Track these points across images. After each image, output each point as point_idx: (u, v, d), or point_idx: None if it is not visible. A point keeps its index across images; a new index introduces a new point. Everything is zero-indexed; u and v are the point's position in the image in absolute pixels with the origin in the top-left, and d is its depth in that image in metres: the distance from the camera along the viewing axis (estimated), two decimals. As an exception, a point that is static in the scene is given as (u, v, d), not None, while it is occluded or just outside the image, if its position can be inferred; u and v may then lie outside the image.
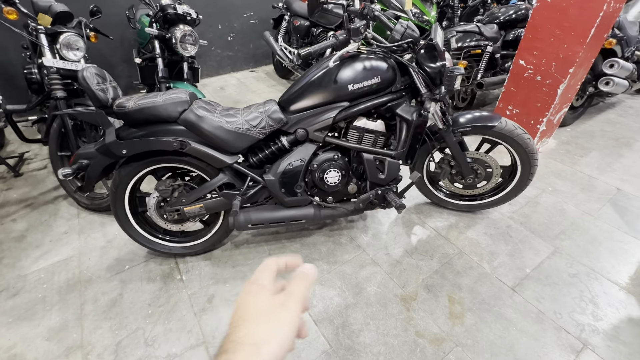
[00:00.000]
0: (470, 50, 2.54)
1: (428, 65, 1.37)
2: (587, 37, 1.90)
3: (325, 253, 1.71)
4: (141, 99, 1.30)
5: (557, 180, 2.21)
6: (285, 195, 1.48)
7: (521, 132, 1.54)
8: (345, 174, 1.48)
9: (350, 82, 1.32)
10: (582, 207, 1.97)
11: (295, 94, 1.39)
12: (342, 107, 1.37)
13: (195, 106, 1.34)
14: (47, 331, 1.39)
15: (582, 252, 1.68)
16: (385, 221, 1.90)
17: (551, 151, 2.53)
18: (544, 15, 2.04)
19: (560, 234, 1.79)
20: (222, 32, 3.90)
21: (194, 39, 2.16)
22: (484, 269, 1.60)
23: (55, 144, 1.94)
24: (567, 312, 1.41)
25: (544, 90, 2.19)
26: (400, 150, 1.47)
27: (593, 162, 2.38)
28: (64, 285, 1.57)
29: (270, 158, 1.49)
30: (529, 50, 2.18)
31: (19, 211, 2.03)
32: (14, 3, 1.65)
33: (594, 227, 1.83)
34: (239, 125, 1.36)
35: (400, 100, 1.43)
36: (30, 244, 1.80)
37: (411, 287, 1.53)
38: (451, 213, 1.94)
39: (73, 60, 1.85)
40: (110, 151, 1.31)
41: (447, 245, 1.74)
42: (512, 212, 1.94)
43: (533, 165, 1.61)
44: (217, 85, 3.89)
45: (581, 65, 2.10)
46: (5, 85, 2.97)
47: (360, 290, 1.52)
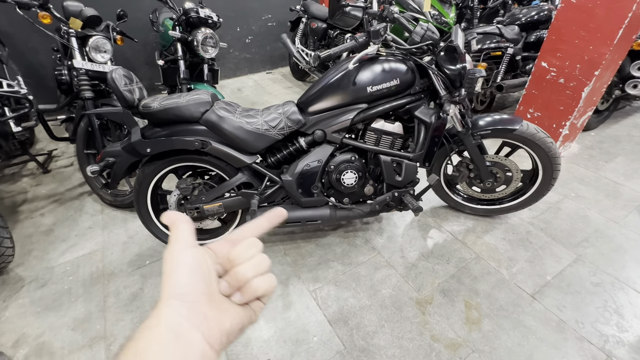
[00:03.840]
0: (490, 52, 2.50)
1: (448, 67, 1.37)
2: (615, 39, 1.84)
3: (340, 254, 1.71)
4: (165, 99, 1.35)
5: (580, 185, 2.15)
6: (302, 195, 1.50)
7: (543, 136, 1.50)
8: (362, 176, 1.49)
9: (369, 84, 1.33)
10: (607, 214, 1.91)
11: (314, 96, 1.41)
12: (360, 108, 1.38)
13: (217, 107, 1.38)
14: (72, 321, 1.45)
15: (606, 261, 1.62)
16: (401, 224, 1.89)
17: (574, 156, 2.45)
18: (568, 16, 1.99)
19: (583, 242, 1.74)
20: (240, 34, 3.97)
21: (214, 41, 2.21)
22: (502, 275, 1.57)
23: (82, 142, 2.02)
24: (590, 322, 1.36)
25: (567, 93, 2.13)
26: (418, 152, 1.46)
27: (619, 168, 2.30)
28: (88, 278, 1.64)
29: (288, 159, 1.51)
30: (552, 52, 2.13)
31: (47, 206, 2.13)
32: (49, 8, 1.73)
33: (619, 235, 1.77)
34: (258, 125, 1.39)
35: (419, 103, 1.43)
36: (57, 238, 1.89)
37: (427, 290, 1.52)
38: (468, 217, 1.91)
39: (101, 62, 1.93)
40: (135, 150, 1.36)
41: (464, 250, 1.71)
42: (532, 217, 1.90)
43: (555, 170, 1.57)
44: (234, 87, 3.97)
45: (607, 68, 2.03)
46: (36, 86, 3.11)
47: (375, 292, 1.52)
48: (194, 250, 0.30)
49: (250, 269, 0.31)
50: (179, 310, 0.27)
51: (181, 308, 0.27)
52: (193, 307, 0.27)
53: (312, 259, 1.69)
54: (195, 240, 0.32)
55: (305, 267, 1.65)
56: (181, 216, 0.33)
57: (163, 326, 0.26)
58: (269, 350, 1.31)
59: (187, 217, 0.33)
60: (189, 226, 0.32)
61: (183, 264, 0.29)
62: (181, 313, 0.27)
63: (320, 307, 1.47)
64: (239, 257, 0.32)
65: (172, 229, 0.32)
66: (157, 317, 0.26)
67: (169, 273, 0.29)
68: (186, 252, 0.30)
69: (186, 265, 0.29)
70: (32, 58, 3.00)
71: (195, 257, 0.30)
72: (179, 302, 0.27)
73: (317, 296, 1.51)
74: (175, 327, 0.26)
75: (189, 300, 0.27)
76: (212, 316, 0.28)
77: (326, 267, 1.65)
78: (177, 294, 0.27)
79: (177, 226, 0.32)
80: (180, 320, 0.26)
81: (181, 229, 0.32)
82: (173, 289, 0.28)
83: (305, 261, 1.68)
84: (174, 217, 0.33)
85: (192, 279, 0.29)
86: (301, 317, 1.43)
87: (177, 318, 0.26)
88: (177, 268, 0.29)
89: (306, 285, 1.56)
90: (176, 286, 0.28)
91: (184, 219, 0.33)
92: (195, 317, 0.27)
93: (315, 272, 1.63)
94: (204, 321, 0.27)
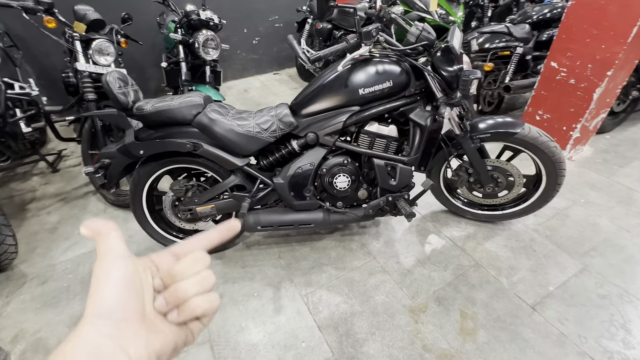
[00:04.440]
0: (497, 52, 2.42)
1: (444, 68, 1.32)
2: (629, 37, 1.75)
3: (334, 258, 1.69)
4: (158, 102, 1.36)
5: (591, 191, 2.04)
6: (294, 198, 1.48)
7: (547, 140, 1.44)
8: (355, 179, 1.46)
9: (361, 86, 1.30)
10: (618, 222, 1.81)
11: (306, 98, 1.39)
12: (352, 111, 1.35)
13: (209, 109, 1.38)
14: (69, 318, 1.48)
15: (615, 272, 1.54)
16: (399, 228, 1.84)
17: (586, 160, 2.34)
18: (579, 14, 1.90)
19: (591, 251, 1.65)
20: (247, 35, 3.99)
21: (216, 43, 2.23)
22: (502, 284, 1.51)
23: (87, 142, 2.07)
24: (594, 337, 1.29)
25: (578, 95, 2.04)
26: (413, 156, 1.42)
27: (634, 173, 2.18)
28: (86, 276, 1.67)
29: (280, 161, 1.50)
30: (562, 52, 2.04)
31: (53, 204, 2.19)
32: (54, 12, 1.78)
33: (630, 244, 1.67)
34: (249, 128, 1.38)
35: (415, 105, 1.39)
36: (60, 236, 1.94)
37: (421, 298, 1.47)
38: (469, 223, 1.85)
39: (104, 65, 1.97)
40: (129, 151, 1.38)
41: (463, 257, 1.66)
42: (537, 224, 1.82)
43: (560, 175, 1.50)
44: (240, 88, 3.99)
45: (622, 68, 1.93)
46: (50, 88, 3.22)
47: (367, 298, 1.49)
48: (125, 262, 0.28)
49: (192, 286, 0.29)
50: (103, 330, 0.25)
51: (105, 327, 0.25)
52: (119, 326, 0.25)
53: (306, 263, 1.67)
54: (127, 250, 0.29)
55: (299, 271, 1.63)
56: (105, 224, 0.30)
57: (83, 348, 0.24)
58: (256, 355, 1.30)
59: (113, 224, 0.30)
60: (118, 234, 0.30)
61: (111, 277, 0.27)
62: (105, 333, 0.24)
63: (311, 312, 1.45)
64: (182, 273, 0.29)
65: (98, 240, 0.29)
66: (77, 337, 0.24)
67: (94, 288, 0.26)
68: (116, 264, 0.28)
69: (115, 279, 0.27)
70: (45, 61, 3.10)
71: (127, 269, 0.28)
72: (103, 320, 0.25)
73: (308, 301, 1.49)
74: (97, 350, 0.24)
75: (115, 317, 0.25)
76: (141, 335, 0.26)
77: (320, 271, 1.63)
78: (102, 312, 0.25)
79: (104, 236, 0.29)
80: (102, 342, 0.24)
81: (110, 237, 0.29)
82: (98, 307, 0.26)
83: (299, 264, 1.67)
84: (97, 227, 0.29)
85: (121, 294, 0.26)
86: (291, 321, 1.41)
87: (99, 339, 0.24)
88: (105, 282, 0.27)
89: (298, 290, 1.55)
90: (102, 303, 0.26)
91: (109, 226, 0.30)
92: (121, 337, 0.25)
93: (308, 276, 1.61)
94: (131, 341, 0.25)
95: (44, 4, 1.73)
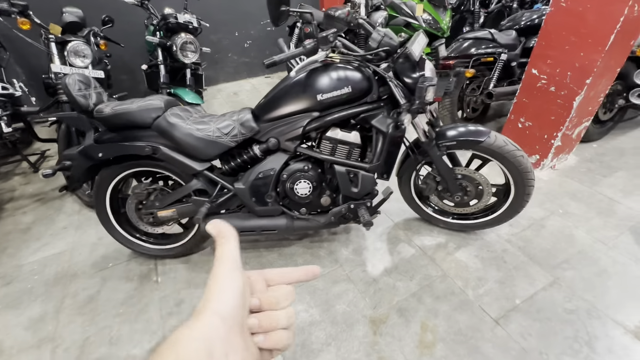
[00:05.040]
0: (480, 58, 2.39)
1: (405, 75, 1.30)
2: (606, 45, 1.71)
3: (300, 265, 1.66)
4: (118, 105, 1.35)
5: (571, 201, 2.00)
6: (255, 204, 1.46)
7: (513, 149, 1.40)
8: (317, 186, 1.44)
9: (319, 91, 1.28)
10: (595, 233, 1.76)
11: (268, 103, 1.37)
12: (312, 117, 1.33)
13: (169, 113, 1.37)
14: (27, 321, 1.47)
15: (585, 286, 1.49)
16: (369, 235, 1.81)
17: (570, 169, 2.29)
18: (558, 20, 1.87)
19: (563, 263, 1.60)
20: (239, 39, 4.01)
21: (195, 46, 2.23)
22: (467, 296, 1.47)
23: (63, 143, 2.07)
24: (555, 354, 1.25)
25: (559, 102, 2.00)
26: (375, 163, 1.40)
27: (617, 183, 2.13)
28: (51, 278, 1.67)
29: (243, 166, 1.48)
30: (543, 59, 2.00)
31: (30, 204, 2.20)
32: (28, 14, 1.80)
33: (605, 257, 1.62)
34: (209, 132, 1.37)
35: (377, 111, 1.36)
36: (32, 236, 1.94)
37: (383, 308, 1.44)
38: (442, 231, 1.82)
39: (80, 66, 1.98)
40: (88, 154, 1.37)
41: (431, 267, 1.62)
42: (512, 234, 1.78)
43: (528, 185, 1.46)
44: (231, 91, 4.00)
45: (602, 76, 1.89)
46: (40, 88, 3.23)
47: (329, 307, 1.46)
48: (241, 275, 0.30)
49: (283, 319, 0.31)
50: (219, 330, 0.26)
51: (222, 328, 0.26)
52: (229, 333, 0.26)
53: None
54: (240, 262, 0.30)
55: (263, 277, 1.61)
56: (229, 229, 0.32)
57: (201, 341, 0.24)
58: (208, 363, 1.27)
59: (235, 232, 0.32)
60: (237, 243, 0.31)
61: (232, 285, 0.28)
62: (220, 333, 0.25)
63: (270, 320, 1.42)
64: (278, 302, 0.31)
65: (219, 243, 0.31)
66: (197, 328, 0.25)
67: (219, 288, 0.28)
68: (236, 274, 0.29)
69: (234, 287, 0.28)
70: (34, 62, 3.13)
71: (242, 281, 0.29)
72: (222, 321, 0.26)
73: (268, 308, 1.46)
74: (211, 347, 0.24)
75: (228, 324, 0.26)
76: (239, 347, 0.27)
77: (284, 278, 1.60)
78: (223, 313, 0.26)
79: (226, 241, 0.31)
80: (216, 340, 0.25)
81: (231, 244, 0.31)
82: (222, 307, 0.27)
83: (264, 271, 1.64)
84: (222, 229, 0.31)
85: (237, 303, 0.28)
86: (248, 329, 1.39)
87: (214, 336, 0.25)
88: (227, 287, 0.28)
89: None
90: (222, 304, 0.27)
91: (232, 233, 0.31)
92: (227, 344, 0.26)
93: (272, 282, 1.58)
94: (231, 350, 0.26)
95: (19, 6, 1.74)
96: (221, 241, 0.31)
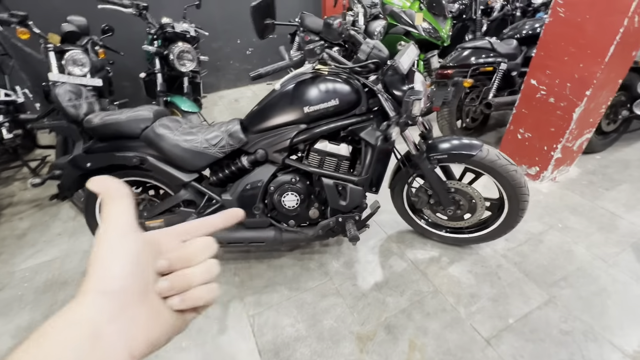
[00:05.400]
0: (479, 68, 2.35)
1: (395, 87, 1.28)
2: (606, 56, 1.67)
3: (290, 277, 1.64)
4: (107, 115, 1.36)
5: (571, 215, 1.94)
6: (243, 216, 1.45)
7: (505, 163, 1.37)
8: (305, 198, 1.42)
9: (306, 104, 1.27)
10: (595, 250, 1.70)
11: (255, 114, 1.37)
12: (299, 129, 1.32)
13: (158, 124, 1.37)
14: (15, 329, 1.47)
15: (583, 306, 1.44)
16: (361, 248, 1.78)
17: (571, 181, 2.24)
18: (557, 31, 1.83)
19: (561, 281, 1.55)
20: (240, 46, 4.04)
21: (192, 56, 2.24)
22: (459, 314, 1.43)
23: (60, 150, 2.09)
24: (548, 378, 1.20)
25: (558, 114, 1.95)
26: (364, 176, 1.37)
27: (620, 197, 2.06)
28: (41, 286, 1.67)
29: (231, 177, 1.47)
30: (541, 69, 1.97)
31: (27, 210, 2.22)
32: (28, 24, 1.83)
33: (605, 275, 1.57)
34: (196, 144, 1.36)
35: (367, 124, 1.34)
36: (27, 242, 1.95)
37: (371, 325, 1.40)
38: (435, 245, 1.78)
39: (79, 75, 2.01)
40: (77, 164, 1.38)
41: (423, 282, 1.58)
42: (508, 249, 1.73)
43: (522, 200, 1.42)
44: (232, 98, 4.03)
45: (602, 87, 1.84)
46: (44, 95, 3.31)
47: (315, 322, 1.43)
48: (135, 238, 0.26)
49: (200, 274, 0.27)
50: (104, 309, 0.22)
51: (107, 306, 0.22)
52: (122, 308, 0.23)
53: (260, 281, 1.63)
54: (136, 223, 0.26)
55: (251, 290, 1.59)
56: (118, 185, 0.27)
57: (81, 325, 0.21)
58: (189, 378, 1.25)
59: (127, 189, 0.27)
60: (130, 202, 0.27)
61: (122, 253, 0.24)
62: (106, 312, 0.22)
63: (255, 334, 1.40)
64: (191, 258, 0.27)
65: (106, 203, 0.26)
66: (77, 312, 0.22)
67: (101, 261, 0.24)
68: (127, 239, 0.25)
69: (124, 256, 0.24)
70: (39, 68, 3.16)
71: (137, 246, 0.25)
72: (108, 300, 0.23)
73: (254, 322, 1.44)
74: (96, 330, 0.21)
75: (119, 299, 0.23)
76: (141, 321, 0.24)
77: (272, 290, 1.58)
78: (107, 290, 0.23)
79: (114, 201, 0.26)
80: (102, 322, 0.22)
81: (122, 204, 0.26)
82: (103, 283, 0.23)
83: (252, 283, 1.62)
84: (109, 186, 0.26)
85: (129, 273, 0.24)
86: (233, 343, 1.37)
87: (99, 318, 0.22)
88: (113, 258, 0.24)
89: (247, 309, 1.50)
90: (109, 280, 0.23)
91: (122, 191, 0.27)
92: (121, 320, 0.23)
93: (259, 295, 1.56)
94: (130, 326, 0.23)
95: (18, 17, 1.78)
96: (108, 201, 0.26)
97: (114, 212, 0.26)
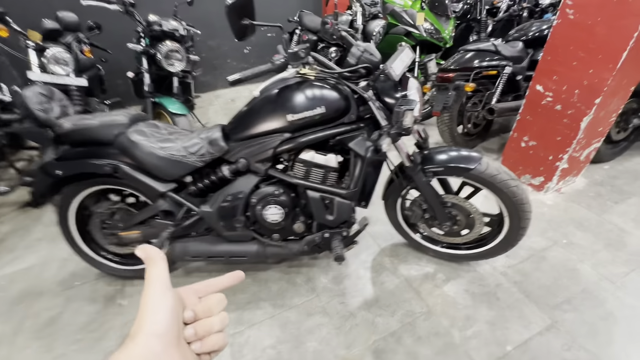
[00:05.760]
0: (482, 71, 2.24)
1: (387, 94, 1.18)
2: (618, 63, 1.55)
3: (274, 293, 1.55)
4: (80, 119, 1.27)
5: (577, 230, 1.83)
6: (224, 229, 1.36)
7: (506, 178, 1.26)
8: (289, 211, 1.32)
9: (289, 111, 1.17)
10: (602, 269, 1.59)
11: (237, 121, 1.27)
12: (283, 138, 1.22)
13: (132, 130, 1.28)
14: (-17, 343, 1.40)
15: (588, 332, 1.33)
16: (352, 262, 1.69)
17: (577, 193, 2.12)
18: (565, 34, 1.71)
19: (564, 303, 1.44)
20: (238, 45, 3.94)
21: (181, 55, 2.15)
22: (453, 338, 1.33)
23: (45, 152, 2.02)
24: (548, 416, 1.09)
25: (565, 122, 1.84)
26: (353, 189, 1.27)
27: (630, 211, 1.94)
28: (16, 296, 1.59)
29: (212, 187, 1.38)
30: (548, 75, 1.85)
31: (9, 213, 2.15)
32: (7, 22, 1.75)
33: (612, 298, 1.46)
34: (174, 152, 1.27)
35: (356, 133, 1.24)
36: (5, 248, 1.88)
37: (357, 348, 1.31)
38: (431, 260, 1.67)
39: (61, 74, 1.92)
40: (48, 171, 1.29)
41: (415, 301, 1.48)
42: (508, 266, 1.62)
43: (523, 218, 1.31)
44: (228, 97, 3.94)
45: (613, 95, 1.72)
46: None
47: (298, 344, 1.34)
48: (172, 293, 0.32)
49: (217, 323, 0.34)
50: (154, 348, 0.28)
51: (155, 346, 0.28)
52: (164, 348, 0.28)
53: (244, 296, 1.54)
54: (169, 282, 0.33)
55: (233, 305, 1.50)
56: (157, 252, 0.34)
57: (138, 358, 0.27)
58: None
59: (163, 254, 0.34)
60: (166, 265, 0.33)
61: (165, 305, 0.31)
62: (156, 352, 0.28)
63: (234, 356, 1.31)
64: (210, 310, 0.34)
65: (148, 266, 0.33)
66: (134, 350, 0.27)
67: (151, 310, 0.30)
68: (167, 294, 0.31)
69: (165, 308, 0.30)
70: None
71: (174, 300, 0.32)
72: (158, 340, 0.28)
73: (234, 342, 1.36)
74: None
75: (163, 341, 0.29)
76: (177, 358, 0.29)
77: (255, 307, 1.49)
78: (158, 333, 0.29)
79: (154, 264, 0.33)
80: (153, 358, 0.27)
81: (160, 267, 0.33)
82: (154, 327, 0.29)
83: (235, 297, 1.53)
84: (150, 252, 0.33)
85: (171, 320, 0.30)
86: (209, 366, 1.28)
87: (150, 356, 0.27)
88: (160, 309, 0.30)
89: (227, 328, 1.41)
90: (158, 325, 0.29)
91: (160, 257, 0.34)
92: (166, 357, 0.28)
93: (242, 311, 1.47)
94: None
95: (-4, 13, 1.70)
96: (150, 264, 0.33)
97: (155, 273, 0.32)
